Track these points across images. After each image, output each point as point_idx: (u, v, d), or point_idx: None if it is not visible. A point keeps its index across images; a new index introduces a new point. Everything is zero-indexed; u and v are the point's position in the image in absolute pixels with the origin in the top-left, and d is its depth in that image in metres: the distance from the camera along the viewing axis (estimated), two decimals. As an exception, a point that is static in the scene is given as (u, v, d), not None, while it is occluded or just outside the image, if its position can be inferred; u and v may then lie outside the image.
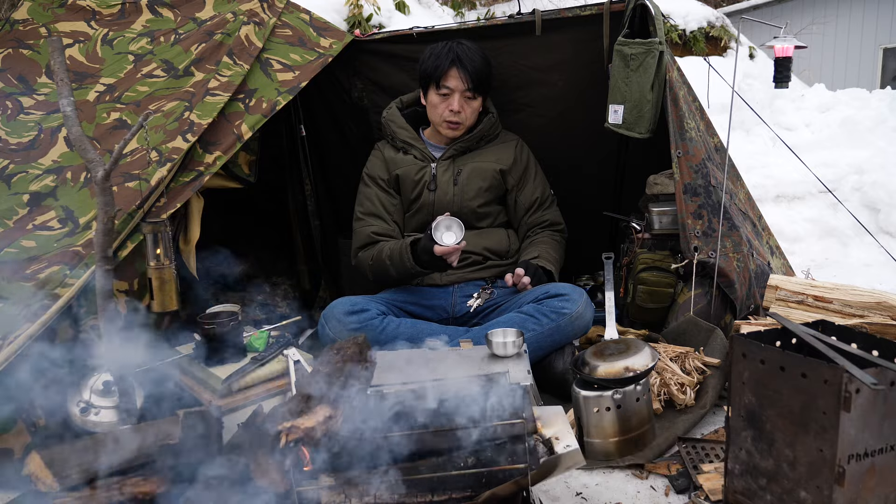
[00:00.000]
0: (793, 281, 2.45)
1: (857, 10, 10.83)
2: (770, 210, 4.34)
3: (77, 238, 1.95)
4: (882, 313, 2.26)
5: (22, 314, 1.78)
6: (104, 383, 1.80)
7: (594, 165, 2.96)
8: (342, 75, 2.91)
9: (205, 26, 2.44)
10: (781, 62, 2.35)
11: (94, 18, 2.45)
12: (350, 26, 4.88)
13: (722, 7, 10.40)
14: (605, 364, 1.89)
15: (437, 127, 2.58)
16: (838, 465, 1.37)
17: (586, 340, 2.47)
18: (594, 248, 2.84)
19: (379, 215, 2.59)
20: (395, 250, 2.43)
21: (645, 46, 2.36)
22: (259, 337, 2.06)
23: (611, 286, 2.51)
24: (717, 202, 2.41)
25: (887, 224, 4.36)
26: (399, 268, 2.42)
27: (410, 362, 1.95)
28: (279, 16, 2.56)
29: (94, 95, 2.28)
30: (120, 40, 2.42)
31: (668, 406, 2.12)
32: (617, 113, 2.46)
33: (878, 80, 10.47)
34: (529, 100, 2.85)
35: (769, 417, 1.49)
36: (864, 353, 1.49)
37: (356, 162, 2.80)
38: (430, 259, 2.34)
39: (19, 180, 2.09)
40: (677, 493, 1.75)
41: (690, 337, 2.37)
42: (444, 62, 2.47)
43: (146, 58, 2.38)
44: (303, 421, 1.32)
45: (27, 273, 1.87)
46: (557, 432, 1.49)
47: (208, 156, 2.20)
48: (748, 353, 1.53)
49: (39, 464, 1.42)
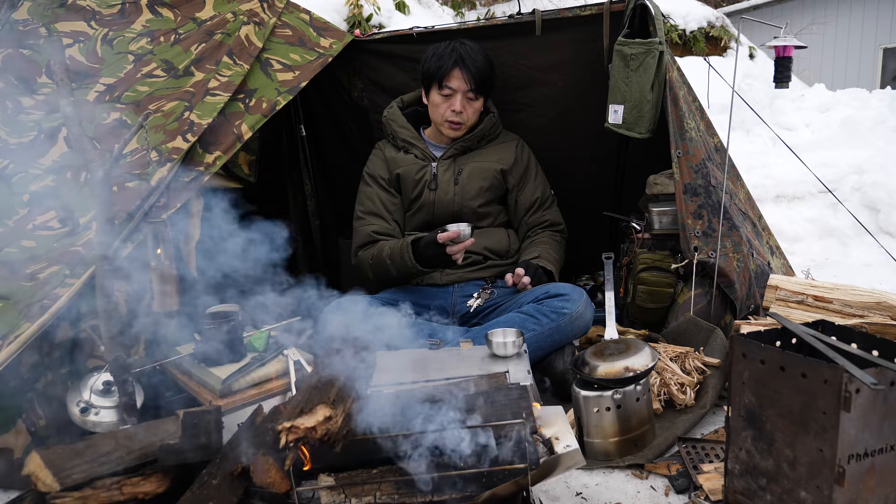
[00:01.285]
0: (793, 281, 2.45)
1: (857, 10, 10.83)
2: (770, 210, 4.34)
3: (77, 238, 1.95)
4: (882, 313, 2.26)
5: (22, 314, 1.78)
6: (104, 383, 1.80)
7: (594, 165, 2.97)
8: (342, 75, 2.91)
9: (205, 26, 2.44)
10: (781, 62, 2.36)
11: (94, 18, 2.45)
12: (350, 26, 4.89)
13: (722, 7, 10.40)
14: (605, 364, 1.89)
15: (439, 127, 2.58)
16: (838, 465, 1.37)
17: (586, 340, 2.47)
18: (594, 248, 2.85)
19: (379, 214, 2.59)
20: (396, 249, 2.43)
21: (645, 46, 2.36)
22: (259, 337, 2.06)
23: (611, 286, 2.51)
24: (717, 202, 2.41)
25: (887, 224, 4.36)
26: (399, 266, 2.42)
27: (410, 362, 1.95)
28: (279, 16, 2.56)
29: (94, 95, 2.28)
30: (120, 40, 2.42)
31: (668, 406, 2.12)
32: (617, 113, 2.46)
33: (878, 80, 10.47)
34: (529, 100, 2.86)
35: (769, 417, 1.49)
36: (864, 353, 1.48)
37: (356, 162, 2.80)
38: (433, 255, 2.33)
39: (19, 180, 2.09)
40: (677, 493, 1.75)
41: (690, 337, 2.37)
42: (447, 62, 2.47)
43: (146, 58, 2.38)
44: (303, 421, 1.32)
45: (27, 273, 1.87)
46: (557, 432, 1.49)
47: (208, 156, 2.20)
48: (748, 353, 1.53)
49: (39, 464, 1.42)
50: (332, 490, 1.38)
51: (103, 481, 1.43)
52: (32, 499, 1.45)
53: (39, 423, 1.85)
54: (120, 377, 1.72)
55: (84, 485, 1.42)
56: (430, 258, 2.36)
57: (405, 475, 1.39)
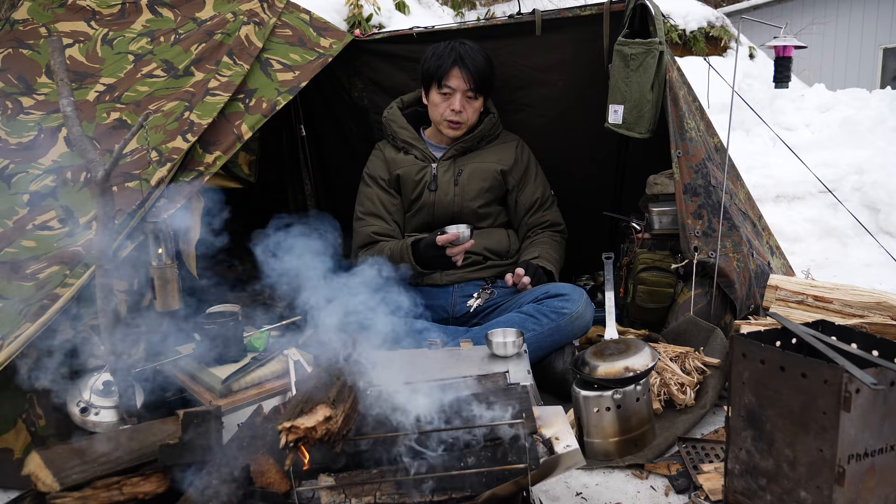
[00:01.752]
0: (793, 281, 2.45)
1: (857, 10, 10.83)
2: (770, 210, 4.34)
3: (77, 238, 1.95)
4: (882, 313, 2.26)
5: (22, 314, 1.78)
6: (104, 383, 1.80)
7: (594, 165, 2.97)
8: (342, 75, 2.91)
9: (205, 26, 2.44)
10: (781, 62, 2.36)
11: (94, 18, 2.45)
12: (350, 26, 4.89)
13: (722, 7, 10.40)
14: (605, 364, 1.89)
15: (439, 126, 2.58)
16: (838, 465, 1.37)
17: (586, 340, 2.47)
18: (594, 248, 2.85)
19: (379, 215, 2.59)
20: (396, 250, 2.43)
21: (645, 46, 2.36)
22: (259, 337, 2.06)
23: (611, 286, 2.51)
24: (717, 202, 2.41)
25: (887, 224, 4.36)
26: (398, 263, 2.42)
27: (410, 362, 1.95)
28: (279, 16, 2.56)
29: (94, 95, 2.28)
30: (120, 40, 2.42)
31: (668, 406, 2.12)
32: (617, 113, 2.46)
33: (878, 80, 10.47)
34: (529, 100, 2.86)
35: (769, 417, 1.49)
36: (864, 353, 1.49)
37: (356, 162, 2.80)
38: (433, 257, 2.33)
39: (19, 180, 2.09)
40: (677, 493, 1.75)
41: (690, 337, 2.37)
42: (447, 62, 2.48)
43: (146, 58, 2.38)
44: (303, 421, 1.32)
45: (27, 273, 1.87)
46: (557, 432, 1.49)
47: (208, 156, 2.20)
48: (748, 353, 1.53)
49: (39, 464, 1.42)
50: (332, 490, 1.38)
51: (103, 481, 1.43)
52: (32, 499, 1.45)
53: (39, 423, 1.85)
54: (120, 377, 1.72)
55: (84, 485, 1.42)
56: (430, 260, 2.37)
57: (405, 475, 1.39)
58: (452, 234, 2.28)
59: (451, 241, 2.28)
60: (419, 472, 1.39)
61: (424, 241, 2.37)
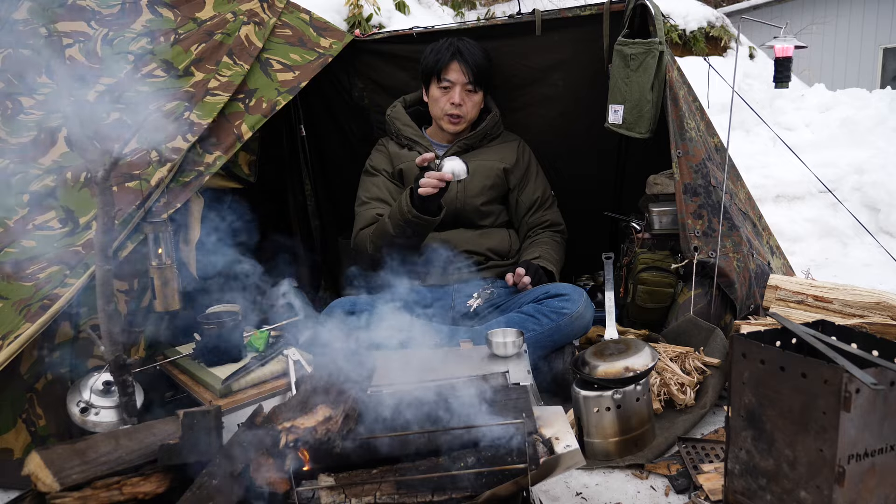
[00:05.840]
0: (793, 281, 2.45)
1: (857, 10, 10.83)
2: (770, 210, 4.34)
3: (77, 238, 1.95)
4: (882, 313, 2.26)
5: (22, 314, 1.78)
6: (104, 383, 1.80)
7: (594, 165, 2.96)
8: (342, 75, 2.91)
9: (205, 26, 2.44)
10: (781, 62, 2.36)
11: (94, 18, 2.45)
12: (350, 26, 4.88)
13: (722, 7, 10.40)
14: (605, 364, 1.89)
15: (439, 121, 2.59)
16: (838, 465, 1.37)
17: (586, 340, 2.47)
18: (594, 248, 2.84)
19: (385, 200, 2.59)
20: (395, 205, 2.38)
21: (645, 46, 2.36)
22: (259, 337, 2.06)
23: (611, 286, 2.51)
24: (717, 202, 2.41)
25: (887, 224, 4.36)
26: (396, 220, 2.35)
27: (410, 362, 1.95)
28: (279, 16, 2.56)
29: (94, 95, 2.28)
30: (120, 40, 2.42)
31: (668, 406, 2.12)
32: (617, 113, 2.46)
33: (878, 80, 10.47)
34: (529, 100, 2.86)
35: (769, 417, 1.49)
36: (864, 353, 1.48)
37: (356, 162, 2.80)
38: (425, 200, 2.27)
39: (19, 180, 2.09)
40: (677, 493, 1.75)
41: (690, 337, 2.37)
42: (445, 55, 2.50)
43: (146, 58, 2.38)
44: (303, 421, 1.32)
45: (27, 273, 1.87)
46: (557, 432, 1.49)
47: (208, 156, 2.20)
48: (748, 353, 1.53)
49: (39, 464, 1.42)
50: (332, 490, 1.38)
51: (103, 481, 1.43)
52: (32, 499, 1.45)
53: (39, 424, 1.85)
54: (120, 377, 1.72)
55: (84, 485, 1.42)
56: (422, 206, 2.30)
57: (405, 475, 1.39)
58: (430, 155, 2.24)
59: (430, 166, 2.23)
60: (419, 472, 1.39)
61: (420, 178, 2.29)
